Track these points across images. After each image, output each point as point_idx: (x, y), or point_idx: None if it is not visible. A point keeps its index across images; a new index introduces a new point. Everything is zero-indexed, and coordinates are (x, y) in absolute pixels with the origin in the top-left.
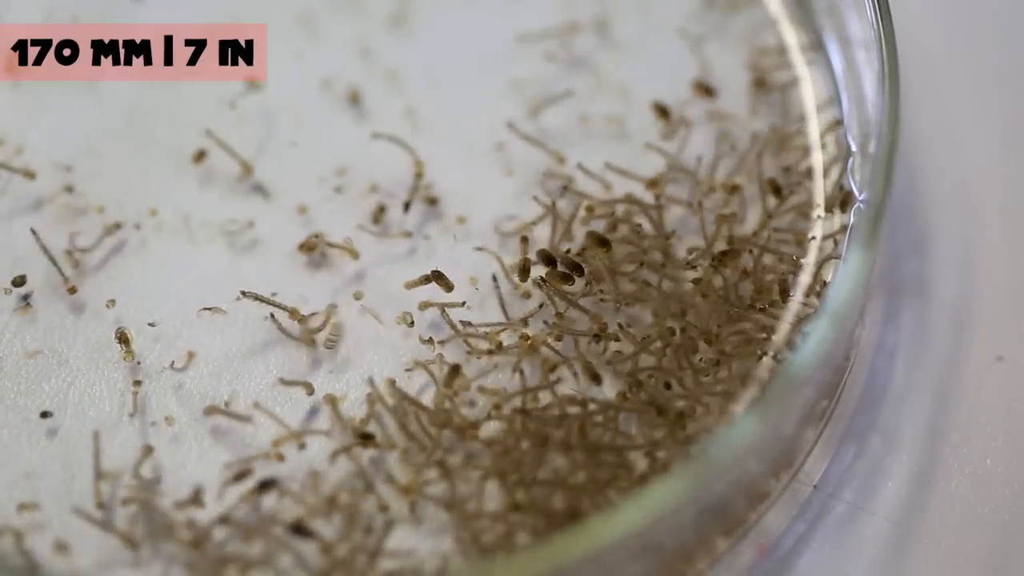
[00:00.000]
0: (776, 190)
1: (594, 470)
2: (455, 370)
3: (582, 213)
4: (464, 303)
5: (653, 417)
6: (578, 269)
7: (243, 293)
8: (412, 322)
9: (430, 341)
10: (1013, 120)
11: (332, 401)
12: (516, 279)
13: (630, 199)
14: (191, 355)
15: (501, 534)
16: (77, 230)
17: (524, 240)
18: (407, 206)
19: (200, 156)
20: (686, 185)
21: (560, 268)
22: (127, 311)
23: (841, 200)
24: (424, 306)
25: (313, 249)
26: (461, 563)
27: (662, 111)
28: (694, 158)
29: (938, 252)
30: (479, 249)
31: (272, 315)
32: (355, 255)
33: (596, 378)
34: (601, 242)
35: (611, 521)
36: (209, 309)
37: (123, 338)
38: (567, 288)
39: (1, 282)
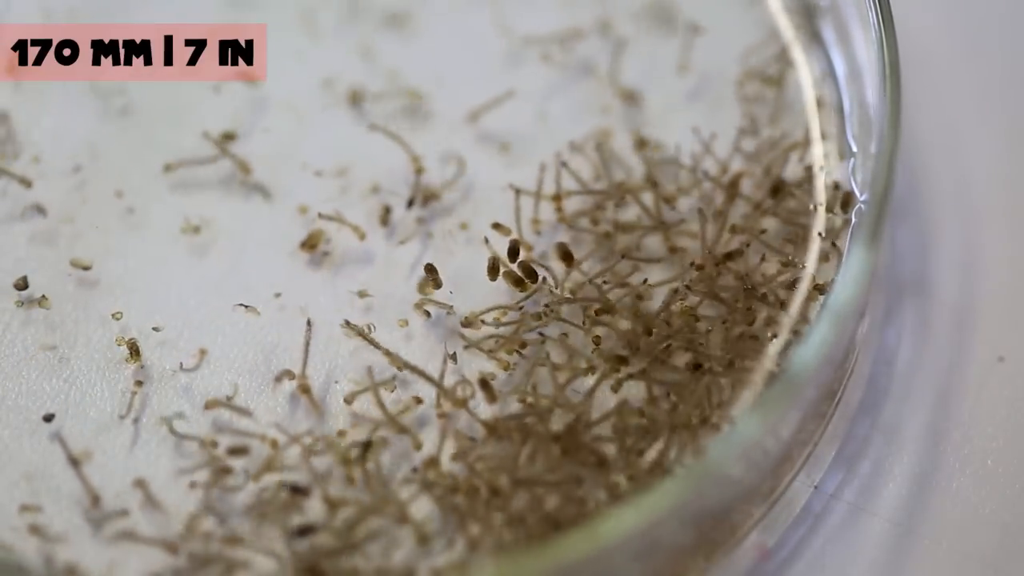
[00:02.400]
0: (779, 188)
1: (595, 470)
2: (485, 384)
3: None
4: (451, 307)
5: (655, 416)
6: (532, 276)
7: (347, 324)
8: (429, 312)
9: (453, 357)
10: (1014, 120)
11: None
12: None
13: (624, 189)
14: (203, 352)
15: (502, 534)
16: (77, 231)
17: (486, 240)
18: (411, 202)
19: (200, 157)
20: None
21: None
22: (128, 313)
23: (842, 200)
24: (423, 302)
25: (315, 247)
26: (462, 563)
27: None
28: (694, 159)
29: (939, 252)
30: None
31: (313, 333)
32: (362, 235)
33: (623, 360)
34: (566, 256)
35: (612, 522)
36: (244, 306)
37: (133, 348)
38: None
39: (3, 283)
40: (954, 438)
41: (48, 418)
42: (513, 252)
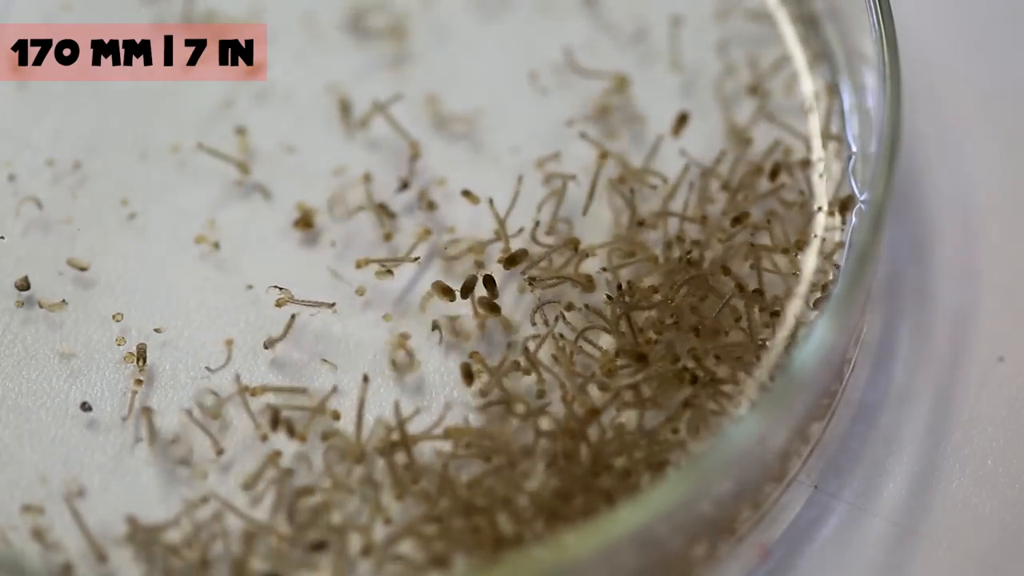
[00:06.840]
0: (778, 187)
1: (596, 470)
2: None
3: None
4: (390, 270)
5: (654, 415)
6: (488, 308)
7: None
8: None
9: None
10: (1014, 120)
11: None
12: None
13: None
14: (229, 343)
15: (502, 534)
16: (77, 231)
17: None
18: (404, 185)
19: (200, 157)
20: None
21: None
22: (128, 313)
23: (842, 201)
24: (362, 263)
25: (309, 225)
26: (462, 563)
27: (683, 118)
28: (694, 158)
29: (939, 252)
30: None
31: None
32: (350, 215)
33: (643, 359)
34: (511, 260)
35: (612, 521)
36: (277, 287)
37: (141, 354)
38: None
39: (3, 283)
40: (954, 438)
41: (85, 407)
42: (489, 283)
